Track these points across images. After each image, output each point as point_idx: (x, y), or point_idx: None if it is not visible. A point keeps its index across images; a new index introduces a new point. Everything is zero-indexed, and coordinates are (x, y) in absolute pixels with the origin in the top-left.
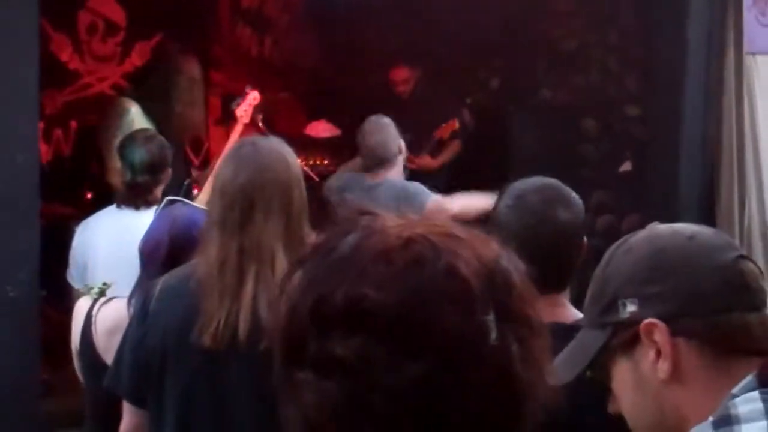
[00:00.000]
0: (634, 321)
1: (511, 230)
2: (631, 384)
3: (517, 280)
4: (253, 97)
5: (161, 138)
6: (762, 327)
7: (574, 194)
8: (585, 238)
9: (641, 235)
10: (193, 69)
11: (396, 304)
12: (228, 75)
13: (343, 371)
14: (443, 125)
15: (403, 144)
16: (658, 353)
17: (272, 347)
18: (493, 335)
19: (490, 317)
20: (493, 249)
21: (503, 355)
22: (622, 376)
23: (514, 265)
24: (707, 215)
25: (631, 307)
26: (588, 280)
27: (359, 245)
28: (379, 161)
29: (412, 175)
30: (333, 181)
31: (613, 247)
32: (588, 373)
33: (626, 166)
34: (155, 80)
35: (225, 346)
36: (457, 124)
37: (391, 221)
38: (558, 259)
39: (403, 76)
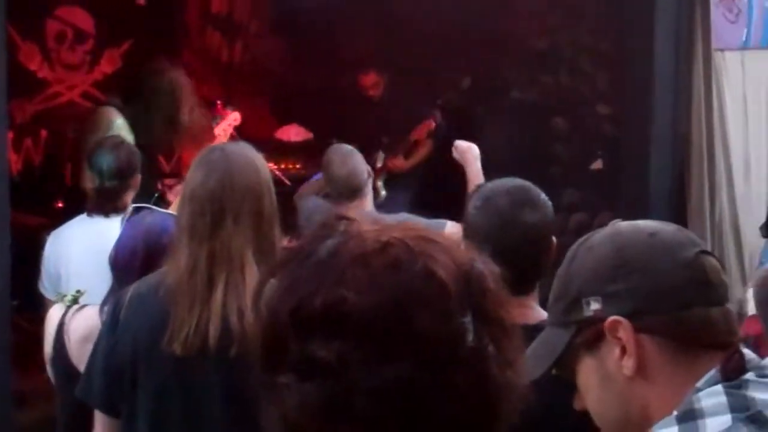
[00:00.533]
0: (597, 319)
1: (479, 231)
2: (597, 381)
3: (492, 282)
4: (234, 118)
5: (130, 144)
6: (724, 321)
7: (543, 195)
8: (554, 239)
9: (603, 232)
10: (183, 78)
11: (375, 307)
12: (198, 80)
13: (323, 373)
14: (419, 126)
15: (369, 168)
16: (623, 350)
17: (246, 352)
18: (470, 337)
19: (468, 319)
20: (467, 252)
21: (480, 356)
22: (587, 373)
23: (488, 267)
24: (679, 212)
25: (594, 305)
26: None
27: (337, 249)
28: (351, 192)
29: (388, 176)
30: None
31: (575, 245)
32: (554, 371)
33: (597, 165)
34: (149, 93)
35: (196, 352)
36: (433, 124)
37: (367, 226)
38: (525, 261)
39: (372, 81)
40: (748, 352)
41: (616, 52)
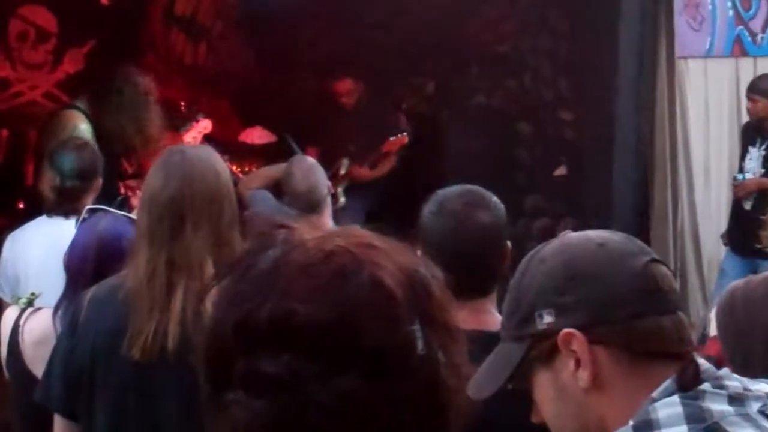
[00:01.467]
0: (551, 332)
1: (433, 236)
2: (553, 394)
3: (436, 287)
4: (204, 126)
5: (93, 147)
6: (676, 330)
7: (494, 198)
8: (509, 244)
9: (553, 244)
10: (150, 83)
11: (323, 319)
12: (162, 82)
13: (273, 389)
14: (393, 139)
15: (329, 183)
16: (578, 362)
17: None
18: (420, 345)
19: (416, 327)
20: (410, 257)
21: (430, 364)
22: (544, 387)
23: (431, 272)
24: (641, 218)
25: (547, 318)
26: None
27: (280, 260)
28: (311, 206)
29: (352, 185)
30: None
31: (526, 258)
32: (509, 386)
33: (561, 171)
34: (116, 97)
35: (154, 358)
36: (406, 140)
37: (308, 234)
38: (480, 263)
39: (347, 88)
40: (703, 362)
41: (580, 58)
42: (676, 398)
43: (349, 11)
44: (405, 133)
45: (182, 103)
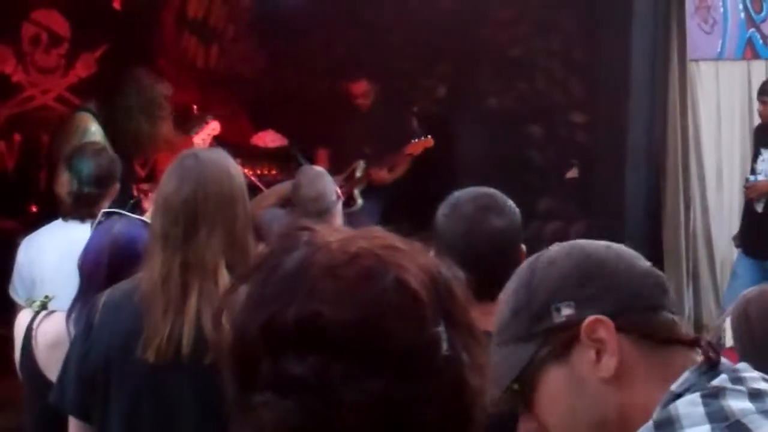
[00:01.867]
0: (571, 323)
1: (446, 238)
2: (568, 390)
3: (458, 288)
4: (213, 127)
5: (111, 152)
6: (682, 326)
7: (509, 202)
8: (523, 247)
9: (559, 248)
10: (163, 86)
11: (350, 320)
12: (174, 85)
13: (302, 390)
14: (415, 141)
15: (338, 190)
16: (599, 352)
17: (218, 364)
18: (445, 345)
19: (441, 328)
20: (432, 259)
21: (455, 364)
22: (555, 384)
23: (453, 273)
24: (653, 220)
25: (566, 311)
26: None
27: (305, 261)
28: (320, 213)
29: (367, 186)
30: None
31: (526, 264)
32: (515, 386)
33: (572, 173)
34: (125, 99)
35: (169, 360)
36: (432, 142)
37: (331, 236)
38: (492, 267)
39: (362, 90)
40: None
41: (592, 61)
42: (697, 397)
43: (360, 14)
44: (429, 136)
45: (194, 107)
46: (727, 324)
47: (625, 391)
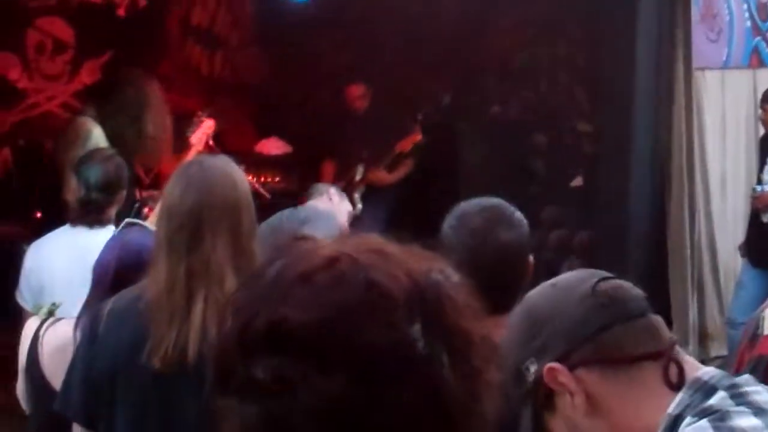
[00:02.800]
0: (539, 378)
1: (452, 250)
2: None
3: (452, 292)
4: (208, 125)
5: (119, 159)
6: (647, 331)
7: (517, 214)
8: (531, 258)
9: (516, 309)
10: (155, 89)
11: (314, 323)
12: (178, 93)
13: (263, 394)
14: (404, 138)
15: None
16: (571, 393)
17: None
18: (420, 345)
19: (416, 327)
20: (425, 263)
21: (431, 366)
22: (558, 431)
23: (449, 278)
24: (658, 229)
25: (532, 368)
26: None
27: (283, 269)
28: None
29: (367, 189)
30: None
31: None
32: None
33: (577, 182)
34: (119, 101)
35: (175, 368)
36: (419, 137)
37: (324, 243)
38: (500, 280)
39: (358, 92)
40: (710, 369)
41: (596, 69)
42: (705, 423)
43: (364, 22)
44: (417, 132)
45: (199, 113)
46: (767, 313)
47: (609, 418)
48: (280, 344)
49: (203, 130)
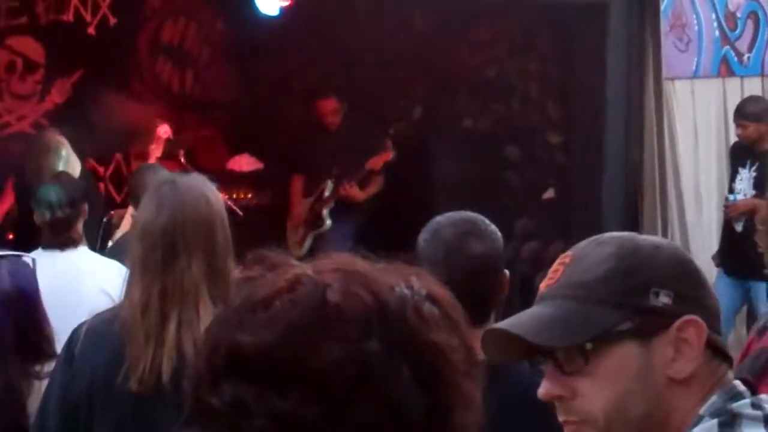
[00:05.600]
0: (666, 313)
1: (425, 263)
2: (634, 372)
3: (420, 305)
4: (163, 131)
5: (71, 174)
6: None
7: (491, 227)
8: (506, 272)
9: (656, 238)
10: (111, 102)
11: (267, 345)
12: (149, 110)
13: (218, 421)
14: (376, 156)
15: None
16: (677, 351)
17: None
18: (377, 360)
19: (372, 343)
20: (394, 278)
21: (389, 381)
22: (626, 361)
23: (418, 292)
24: None
25: (664, 299)
26: (513, 312)
27: (247, 295)
28: None
29: (335, 203)
30: None
31: (629, 237)
32: (588, 345)
33: (549, 194)
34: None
35: (152, 389)
36: (390, 155)
37: (295, 266)
38: (473, 293)
39: (331, 107)
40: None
41: (567, 81)
42: (714, 425)
43: (336, 37)
44: (388, 149)
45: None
46: None
47: (682, 397)
48: (237, 370)
49: (159, 134)
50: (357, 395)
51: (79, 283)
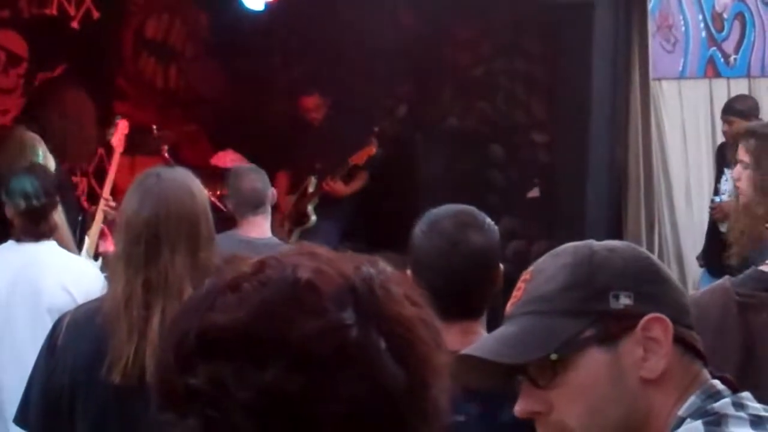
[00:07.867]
0: (628, 314)
1: (424, 256)
2: (606, 378)
3: (386, 283)
4: (124, 125)
5: (42, 165)
6: None
7: (488, 220)
8: (502, 266)
9: (610, 241)
10: (81, 98)
11: (242, 322)
12: (133, 106)
13: (200, 402)
14: (359, 151)
15: (274, 191)
16: (646, 351)
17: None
18: (353, 331)
19: (347, 314)
20: (357, 261)
21: (367, 351)
22: (594, 368)
23: (383, 271)
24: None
25: (624, 300)
26: (503, 307)
27: (214, 281)
28: (256, 205)
29: (321, 200)
30: None
31: (583, 245)
32: (553, 356)
33: (534, 193)
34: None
35: (134, 381)
36: (374, 150)
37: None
38: (471, 285)
39: (313, 103)
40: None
41: (553, 80)
42: (700, 425)
43: (321, 33)
44: (371, 144)
45: (154, 127)
46: None
47: (659, 395)
48: (211, 350)
49: (120, 131)
50: (338, 368)
51: (40, 278)
